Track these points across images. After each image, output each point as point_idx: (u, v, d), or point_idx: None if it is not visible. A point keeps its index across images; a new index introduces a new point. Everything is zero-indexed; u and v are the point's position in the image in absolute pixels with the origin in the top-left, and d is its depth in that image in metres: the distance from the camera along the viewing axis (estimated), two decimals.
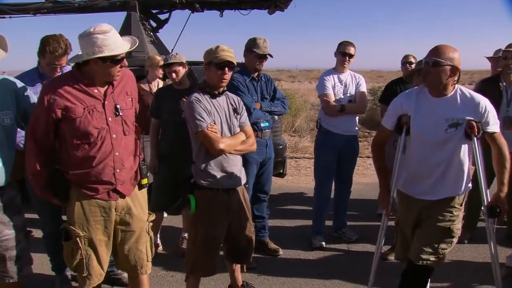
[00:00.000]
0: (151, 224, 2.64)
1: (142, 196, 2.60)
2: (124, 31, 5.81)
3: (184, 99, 3.20)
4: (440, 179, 2.56)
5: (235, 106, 2.87)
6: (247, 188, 3.32)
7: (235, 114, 2.86)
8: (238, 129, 2.87)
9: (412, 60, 4.73)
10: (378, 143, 2.85)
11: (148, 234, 2.61)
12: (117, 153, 2.38)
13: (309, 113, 12.69)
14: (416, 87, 2.72)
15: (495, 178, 2.67)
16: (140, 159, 2.56)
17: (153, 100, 3.87)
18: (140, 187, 2.57)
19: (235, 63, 2.79)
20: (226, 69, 2.73)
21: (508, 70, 3.87)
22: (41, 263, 3.44)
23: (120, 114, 2.39)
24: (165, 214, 4.40)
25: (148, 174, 2.62)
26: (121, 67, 2.35)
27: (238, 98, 2.97)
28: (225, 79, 2.76)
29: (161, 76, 4.38)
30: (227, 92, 2.90)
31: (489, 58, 4.64)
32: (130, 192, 2.49)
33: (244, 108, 2.95)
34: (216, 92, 2.80)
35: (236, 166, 2.84)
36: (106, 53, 2.23)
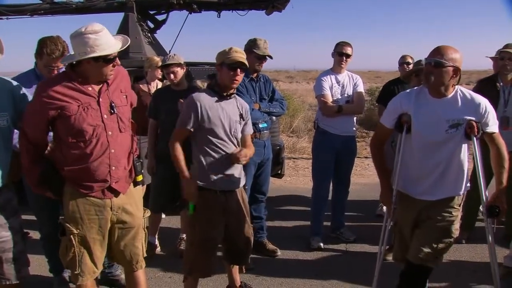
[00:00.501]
0: (146, 221, 2.67)
1: (137, 193, 2.61)
2: (122, 32, 5.80)
3: (182, 100, 3.21)
4: (439, 179, 2.57)
5: (241, 112, 2.87)
6: (246, 189, 3.32)
7: (241, 120, 2.86)
8: (239, 135, 2.87)
9: (410, 60, 4.74)
10: (377, 142, 2.85)
11: (144, 230, 2.64)
12: (113, 150, 2.37)
13: (307, 114, 12.69)
14: (416, 87, 2.71)
15: (493, 177, 2.67)
16: (134, 156, 2.56)
17: (151, 101, 3.87)
18: (135, 184, 2.57)
19: (247, 65, 2.80)
20: (238, 70, 2.73)
21: (505, 70, 3.89)
22: (39, 265, 3.43)
23: (116, 111, 2.39)
24: (163, 215, 4.39)
25: (142, 171, 2.62)
26: (113, 66, 2.35)
27: (247, 106, 2.97)
28: (236, 80, 2.76)
29: (160, 77, 4.38)
30: (237, 97, 2.91)
31: (492, 58, 4.63)
32: (125, 189, 2.49)
33: (250, 116, 2.96)
34: (225, 94, 2.80)
35: (235, 168, 2.83)
36: (98, 53, 2.23)
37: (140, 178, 2.58)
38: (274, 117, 4.03)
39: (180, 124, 2.78)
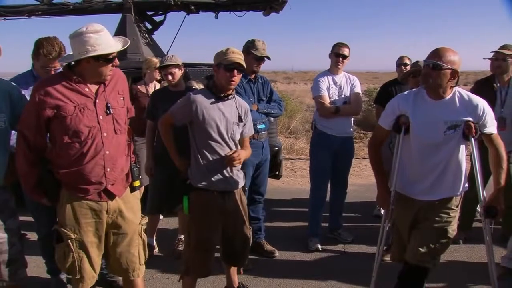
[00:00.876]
0: (144, 227, 2.61)
1: (134, 198, 2.58)
2: (120, 33, 5.79)
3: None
4: (438, 180, 2.57)
5: (240, 113, 2.86)
6: (245, 191, 3.32)
7: (239, 122, 2.85)
8: (238, 137, 2.86)
9: (407, 61, 4.74)
10: (375, 143, 2.85)
11: (141, 237, 2.59)
12: (107, 152, 2.35)
13: (304, 115, 12.70)
14: (414, 89, 2.72)
15: (490, 177, 2.68)
16: (131, 160, 2.54)
17: (149, 102, 3.86)
18: (132, 189, 2.55)
19: (245, 66, 2.80)
20: (235, 71, 2.72)
21: (499, 71, 3.90)
22: (37, 266, 3.42)
23: (111, 112, 2.37)
24: (161, 216, 4.39)
25: (140, 177, 2.60)
26: (112, 66, 2.35)
27: (247, 107, 2.96)
28: (233, 81, 2.76)
29: (158, 78, 4.38)
30: (237, 97, 2.90)
31: (489, 59, 4.62)
32: (121, 193, 2.46)
33: (250, 118, 2.96)
34: (222, 95, 2.79)
35: (233, 169, 2.82)
36: (99, 51, 2.23)
37: (137, 183, 2.56)
38: (272, 118, 4.04)
39: (169, 112, 2.84)
